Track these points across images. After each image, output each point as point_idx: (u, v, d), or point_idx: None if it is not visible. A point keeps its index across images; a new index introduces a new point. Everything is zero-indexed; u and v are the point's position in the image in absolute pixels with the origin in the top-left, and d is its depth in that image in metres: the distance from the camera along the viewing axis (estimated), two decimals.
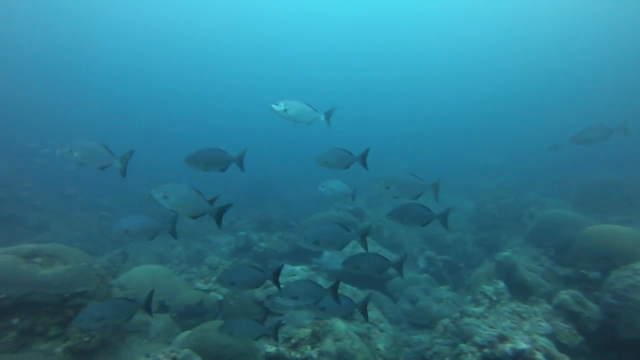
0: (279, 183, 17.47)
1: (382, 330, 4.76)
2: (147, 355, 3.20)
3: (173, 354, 2.99)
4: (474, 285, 5.91)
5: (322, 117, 3.55)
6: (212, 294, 6.33)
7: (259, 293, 4.73)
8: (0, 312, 3.99)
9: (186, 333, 4.14)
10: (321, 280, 4.95)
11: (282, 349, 3.95)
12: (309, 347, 4.01)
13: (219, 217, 2.91)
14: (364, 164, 3.43)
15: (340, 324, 4.19)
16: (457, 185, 15.40)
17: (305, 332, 4.12)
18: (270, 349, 3.94)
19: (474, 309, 4.41)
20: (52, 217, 10.32)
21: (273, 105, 3.40)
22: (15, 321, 4.02)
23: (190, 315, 5.66)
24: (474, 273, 7.09)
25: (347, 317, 4.38)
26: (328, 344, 3.97)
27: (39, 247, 4.70)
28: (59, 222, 10.12)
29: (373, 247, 7.72)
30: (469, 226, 10.59)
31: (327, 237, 2.94)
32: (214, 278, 6.64)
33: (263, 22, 39.81)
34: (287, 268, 5.08)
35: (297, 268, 5.05)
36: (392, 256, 7.76)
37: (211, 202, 2.86)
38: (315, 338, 4.05)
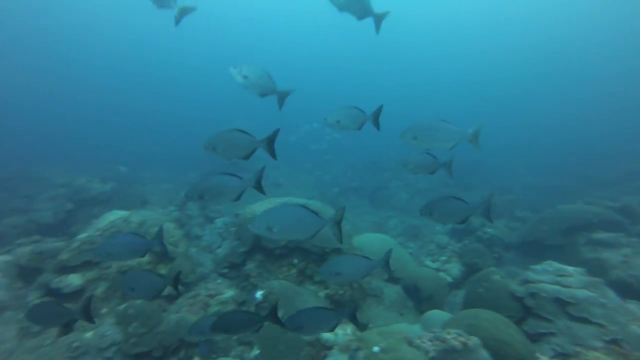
0: (487, 163, 15.70)
1: None
2: (429, 333, 3.13)
3: (462, 339, 2.80)
4: None
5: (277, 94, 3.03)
6: (441, 274, 6.11)
7: (519, 287, 4.10)
8: (287, 252, 4.82)
9: (447, 316, 4.00)
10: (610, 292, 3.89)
11: None
12: None
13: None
14: (376, 124, 2.95)
15: None
16: None
17: (597, 356, 3.30)
18: None
19: None
20: (285, 177, 12.41)
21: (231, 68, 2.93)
22: (295, 261, 4.80)
23: (414, 293, 5.59)
24: None
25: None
26: None
27: (307, 203, 5.44)
28: (290, 181, 12.07)
29: None
30: None
31: (285, 223, 2.32)
32: (442, 257, 6.39)
33: None
34: (554, 265, 4.23)
35: (570, 269, 4.13)
36: None
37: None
38: None
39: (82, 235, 4.93)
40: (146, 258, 4.40)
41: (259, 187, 2.53)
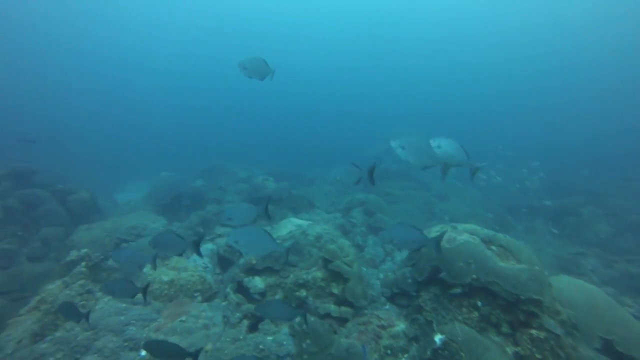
0: None
1: None
2: None
3: None
4: None
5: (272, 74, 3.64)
6: None
7: None
8: (470, 290, 4.11)
9: None
10: None
11: None
12: None
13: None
14: (371, 180, 3.07)
15: None
16: None
17: None
18: None
19: None
20: (453, 190, 11.31)
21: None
22: (479, 303, 4.05)
23: None
24: None
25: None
26: None
27: (495, 236, 4.58)
28: (456, 196, 10.92)
29: None
30: None
31: (248, 240, 3.06)
32: None
33: None
34: None
35: None
36: None
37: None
38: None
39: None
40: (320, 274, 4.40)
41: (197, 248, 3.43)
